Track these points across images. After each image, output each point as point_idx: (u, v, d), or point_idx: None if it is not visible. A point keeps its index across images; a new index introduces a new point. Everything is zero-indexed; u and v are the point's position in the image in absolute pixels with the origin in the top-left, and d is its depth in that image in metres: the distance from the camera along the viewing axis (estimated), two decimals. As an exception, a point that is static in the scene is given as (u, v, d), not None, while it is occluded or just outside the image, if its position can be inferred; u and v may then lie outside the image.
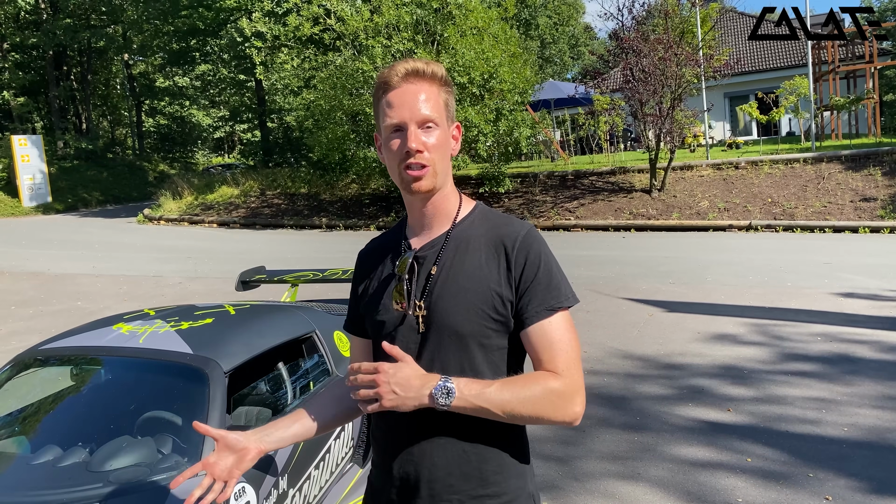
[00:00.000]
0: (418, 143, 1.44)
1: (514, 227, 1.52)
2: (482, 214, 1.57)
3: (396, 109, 1.45)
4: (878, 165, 15.69)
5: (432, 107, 1.46)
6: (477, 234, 1.52)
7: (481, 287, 1.46)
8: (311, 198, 20.94)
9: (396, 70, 1.47)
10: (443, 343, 1.46)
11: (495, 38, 16.79)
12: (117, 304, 9.41)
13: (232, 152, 52.61)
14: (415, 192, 1.47)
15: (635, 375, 5.82)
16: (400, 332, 1.50)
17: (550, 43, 48.46)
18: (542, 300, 1.46)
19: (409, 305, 1.49)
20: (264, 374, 3.03)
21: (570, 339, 1.47)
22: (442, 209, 1.54)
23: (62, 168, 32.00)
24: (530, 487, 1.54)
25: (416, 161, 1.44)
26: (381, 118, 1.49)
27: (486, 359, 1.47)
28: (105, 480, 2.18)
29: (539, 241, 1.51)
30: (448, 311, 1.46)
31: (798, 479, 3.86)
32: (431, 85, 1.48)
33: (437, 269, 1.49)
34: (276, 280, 4.43)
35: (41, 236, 18.28)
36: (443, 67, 1.52)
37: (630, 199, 16.73)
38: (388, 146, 1.48)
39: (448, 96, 1.52)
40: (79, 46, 35.65)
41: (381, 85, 1.49)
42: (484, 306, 1.45)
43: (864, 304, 7.88)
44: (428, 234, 1.55)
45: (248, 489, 2.32)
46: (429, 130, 1.46)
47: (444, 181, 1.51)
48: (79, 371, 2.91)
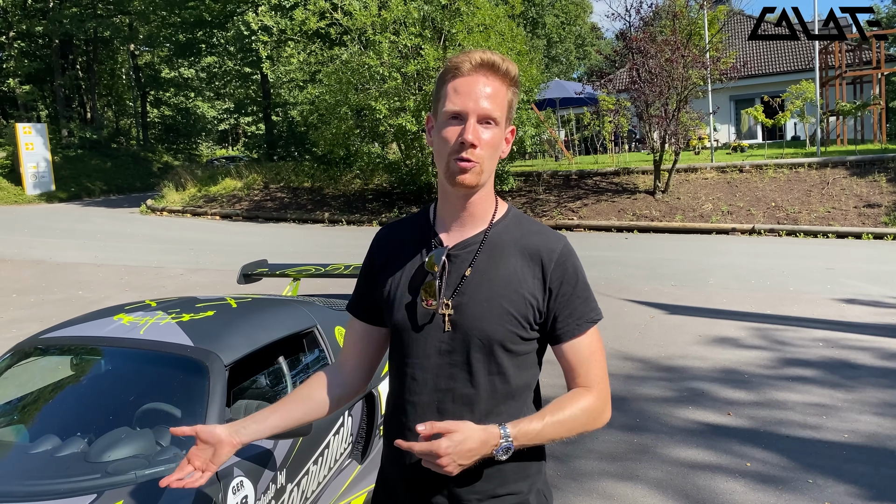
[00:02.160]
0: (475, 137, 1.41)
1: (550, 239, 1.52)
2: (516, 219, 1.55)
3: (461, 97, 1.42)
4: (882, 172, 15.65)
5: (497, 104, 1.43)
6: (511, 238, 1.51)
7: (515, 294, 1.45)
8: (314, 192, 20.94)
9: (471, 57, 1.43)
10: (471, 345, 1.45)
11: (502, 35, 16.75)
12: (118, 294, 9.41)
13: (236, 145, 52.68)
14: (457, 185, 1.44)
15: (636, 377, 5.81)
16: (426, 331, 1.48)
17: (557, 42, 48.39)
18: (581, 314, 1.49)
19: (438, 304, 1.47)
20: (265, 368, 3.02)
21: (601, 350, 1.52)
22: (479, 208, 1.51)
23: (66, 157, 32.02)
24: (541, 485, 1.55)
25: (468, 155, 1.41)
26: (441, 101, 1.45)
27: (512, 363, 1.47)
28: (103, 471, 2.18)
29: (574, 256, 1.52)
30: (479, 314, 1.44)
31: (797, 485, 3.84)
32: (502, 82, 1.45)
33: (472, 270, 1.47)
34: (278, 274, 4.42)
35: (44, 225, 18.30)
36: (516, 67, 1.48)
37: (633, 201, 16.70)
38: (441, 132, 1.44)
39: (514, 97, 1.49)
40: (85, 36, 35.64)
41: (451, 69, 1.45)
42: (516, 313, 1.45)
43: (865, 310, 7.86)
44: (460, 231, 1.52)
45: (247, 483, 2.31)
46: (487, 126, 1.43)
47: (487, 180, 1.48)
48: (79, 361, 2.90)
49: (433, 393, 1.47)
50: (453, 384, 1.46)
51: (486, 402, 1.45)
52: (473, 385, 1.45)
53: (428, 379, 1.47)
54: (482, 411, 1.44)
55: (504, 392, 1.46)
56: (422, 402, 1.46)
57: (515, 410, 1.48)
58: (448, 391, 1.46)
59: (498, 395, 1.46)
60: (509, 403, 1.47)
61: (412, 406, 1.49)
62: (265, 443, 2.47)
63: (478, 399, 1.45)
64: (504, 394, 1.46)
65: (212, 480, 2.24)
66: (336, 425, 2.93)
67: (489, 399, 1.45)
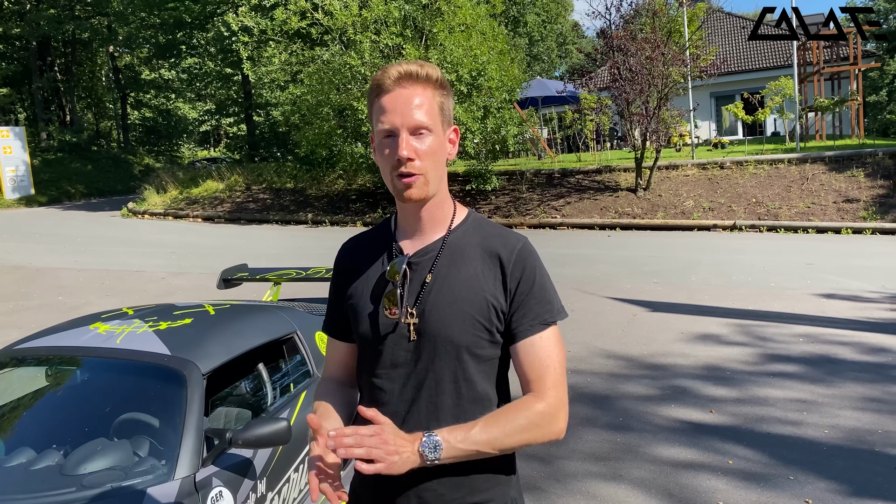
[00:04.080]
0: (410, 151, 1.40)
1: (509, 240, 1.51)
2: (475, 223, 1.55)
3: (388, 115, 1.41)
4: (861, 167, 15.81)
5: (426, 112, 1.42)
6: (471, 242, 1.50)
7: (477, 297, 1.45)
8: (296, 193, 20.83)
9: (389, 73, 1.43)
10: (437, 352, 1.44)
11: (483, 34, 16.74)
12: (99, 299, 9.32)
13: (218, 146, 52.34)
14: (406, 200, 1.44)
15: (619, 375, 5.83)
16: (391, 340, 1.47)
17: (538, 40, 48.46)
18: (535, 315, 1.47)
19: (401, 313, 1.46)
20: (244, 376, 3.00)
21: (558, 354, 1.48)
22: (436, 215, 1.51)
23: (45, 160, 31.64)
24: (514, 493, 1.54)
25: (407, 170, 1.41)
26: (374, 122, 1.46)
27: (478, 368, 1.46)
28: (79, 484, 2.15)
29: (534, 255, 1.51)
30: (443, 320, 1.44)
31: (779, 482, 3.87)
32: (426, 88, 1.44)
33: (432, 277, 1.47)
34: (259, 278, 4.39)
35: (23, 229, 18.07)
36: (438, 70, 1.48)
37: (616, 198, 16.77)
38: (380, 151, 1.45)
39: (444, 99, 1.48)
40: (63, 37, 35.24)
41: (375, 88, 1.44)
42: (479, 316, 1.44)
43: (845, 305, 7.94)
44: (420, 239, 1.52)
45: (226, 493, 2.29)
46: (421, 136, 1.42)
47: (437, 188, 1.48)
48: (54, 371, 2.87)
49: (399, 403, 1.46)
50: (419, 392, 1.45)
51: (452, 409, 1.44)
52: (439, 392, 1.44)
53: (395, 389, 1.47)
54: (449, 418, 1.43)
55: (470, 398, 1.46)
56: (389, 412, 1.44)
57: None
58: (414, 400, 1.45)
59: (464, 401, 1.45)
60: (476, 410, 1.45)
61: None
62: (244, 452, 2.45)
63: (444, 406, 1.44)
64: (470, 399, 1.46)
65: (190, 491, 2.22)
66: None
67: (455, 406, 1.45)
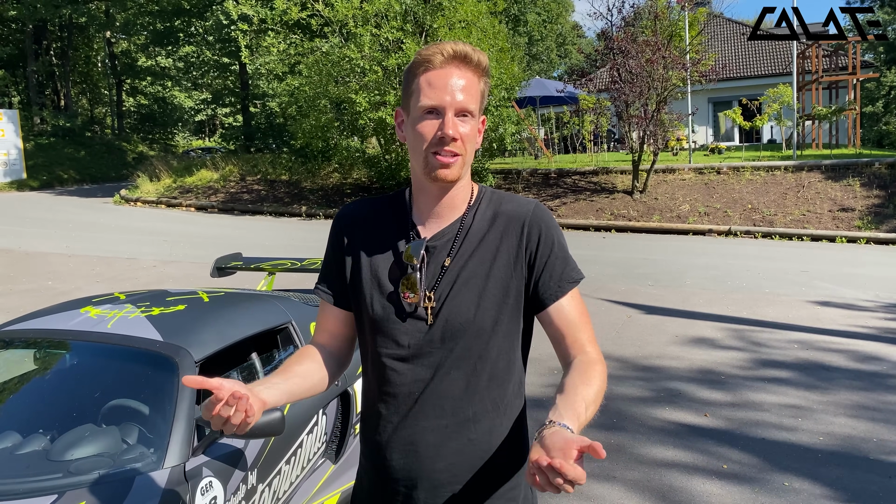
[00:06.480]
0: (455, 132, 1.37)
1: (522, 204, 1.50)
2: (488, 197, 1.53)
3: (437, 91, 1.38)
4: (857, 176, 15.85)
5: (472, 96, 1.41)
6: (486, 218, 1.49)
7: (496, 273, 1.44)
8: (291, 185, 20.73)
9: (442, 49, 1.39)
10: (455, 335, 1.42)
11: (484, 32, 16.69)
12: (89, 285, 9.22)
13: (213, 136, 52.09)
14: (438, 180, 1.41)
15: (612, 377, 5.79)
16: (408, 323, 1.44)
17: (538, 40, 48.44)
18: (560, 276, 1.46)
19: (420, 296, 1.43)
20: (236, 365, 2.94)
21: (585, 309, 1.49)
22: (457, 198, 1.49)
23: (38, 144, 31.38)
24: (525, 486, 1.52)
25: (451, 149, 1.38)
26: (414, 96, 1.41)
27: (497, 346, 1.45)
28: (65, 470, 2.09)
29: (548, 215, 1.50)
30: (463, 304, 1.42)
31: (773, 487, 3.84)
32: (475, 73, 1.42)
33: (451, 260, 1.45)
34: (253, 268, 4.33)
35: (14, 213, 17.92)
36: (487, 57, 1.45)
37: (612, 200, 16.76)
38: (417, 127, 1.40)
39: (486, 88, 1.46)
40: (60, 21, 34.97)
41: (422, 62, 1.40)
42: (500, 293, 1.43)
43: (840, 313, 7.94)
44: (437, 221, 1.49)
45: (216, 483, 2.24)
46: (464, 119, 1.40)
47: (466, 172, 1.47)
48: (43, 355, 2.80)
49: (413, 384, 1.44)
50: (435, 373, 1.43)
51: (468, 389, 1.43)
52: (456, 373, 1.43)
53: (408, 370, 1.44)
54: (463, 397, 1.43)
55: (487, 376, 1.44)
56: (402, 394, 1.43)
57: (499, 395, 1.46)
58: (429, 381, 1.43)
59: (481, 380, 1.44)
60: (492, 388, 1.45)
61: (392, 398, 1.46)
62: (236, 442, 2.40)
63: (459, 386, 1.43)
64: (487, 377, 1.44)
65: (179, 480, 2.17)
66: (310, 424, 2.86)
67: (472, 385, 1.43)
